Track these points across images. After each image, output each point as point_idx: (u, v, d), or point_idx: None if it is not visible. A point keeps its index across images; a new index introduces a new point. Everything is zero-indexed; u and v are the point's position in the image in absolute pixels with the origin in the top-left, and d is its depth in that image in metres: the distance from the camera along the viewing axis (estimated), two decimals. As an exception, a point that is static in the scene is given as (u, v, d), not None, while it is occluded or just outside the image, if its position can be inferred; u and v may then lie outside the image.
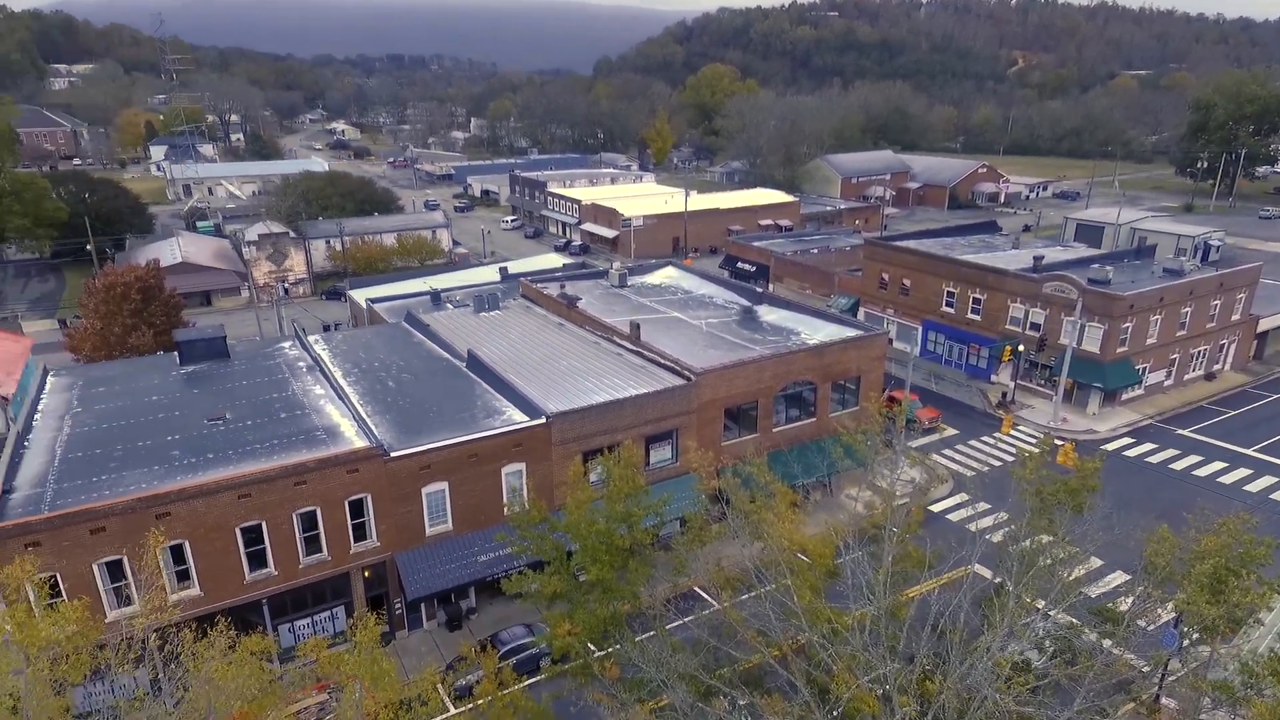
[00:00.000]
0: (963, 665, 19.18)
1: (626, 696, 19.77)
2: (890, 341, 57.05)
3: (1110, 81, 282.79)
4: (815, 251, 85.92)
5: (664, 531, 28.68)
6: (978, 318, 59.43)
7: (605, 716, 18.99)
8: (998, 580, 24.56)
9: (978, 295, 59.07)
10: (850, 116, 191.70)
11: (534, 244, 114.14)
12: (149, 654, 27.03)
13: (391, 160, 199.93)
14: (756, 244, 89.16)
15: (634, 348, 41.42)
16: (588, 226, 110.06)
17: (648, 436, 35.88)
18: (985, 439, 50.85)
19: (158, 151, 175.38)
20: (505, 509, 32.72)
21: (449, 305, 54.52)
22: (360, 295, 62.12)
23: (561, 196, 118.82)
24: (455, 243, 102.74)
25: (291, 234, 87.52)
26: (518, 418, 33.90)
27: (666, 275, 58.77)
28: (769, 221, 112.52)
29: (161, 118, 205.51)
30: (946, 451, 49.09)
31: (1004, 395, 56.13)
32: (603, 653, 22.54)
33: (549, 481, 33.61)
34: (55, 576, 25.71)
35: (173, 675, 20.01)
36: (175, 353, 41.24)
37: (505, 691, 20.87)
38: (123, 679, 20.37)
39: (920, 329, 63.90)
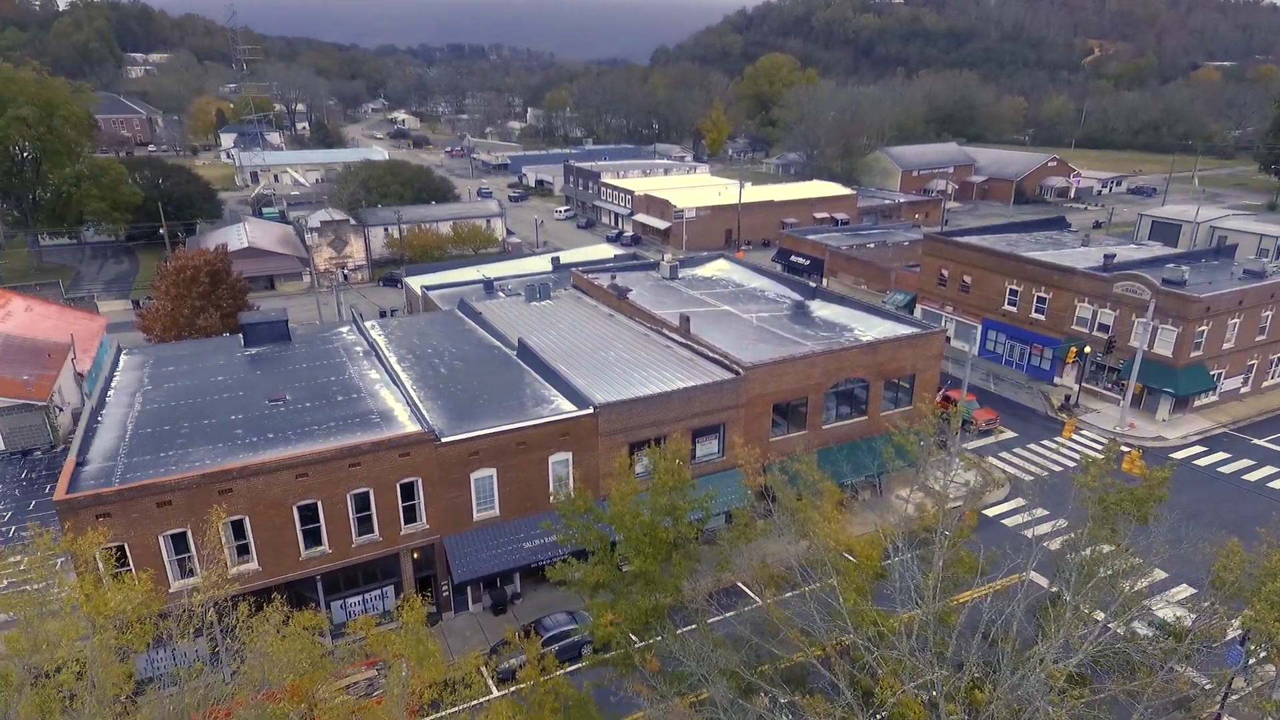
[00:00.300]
0: (1014, 675, 18.61)
1: (666, 689, 19.73)
2: (948, 340, 55.65)
3: (1192, 73, 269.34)
4: (872, 246, 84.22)
5: (708, 526, 28.56)
6: (1042, 317, 57.45)
7: (645, 707, 19.00)
8: (1054, 589, 23.74)
9: (1043, 294, 57.08)
10: (913, 107, 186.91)
11: (586, 234, 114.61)
12: (208, 625, 28.17)
13: (449, 150, 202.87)
14: (811, 237, 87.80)
15: (683, 340, 41.24)
16: (640, 218, 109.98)
17: (694, 430, 35.72)
18: (1045, 443, 49.20)
19: (227, 139, 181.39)
20: (551, 497, 33.11)
21: (501, 294, 55.17)
22: (415, 282, 63.31)
23: (614, 187, 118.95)
24: (509, 232, 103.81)
25: (352, 221, 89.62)
26: (566, 407, 34.11)
27: (718, 268, 58.34)
28: (824, 215, 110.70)
29: (232, 106, 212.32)
30: (1004, 455, 47.67)
31: (1067, 398, 54.21)
32: (644, 644, 22.54)
33: (595, 471, 33.76)
34: (124, 547, 26.88)
35: (230, 647, 20.71)
36: (240, 335, 42.67)
37: (547, 677, 21.08)
38: (183, 648, 21.16)
39: (980, 328, 62.10)
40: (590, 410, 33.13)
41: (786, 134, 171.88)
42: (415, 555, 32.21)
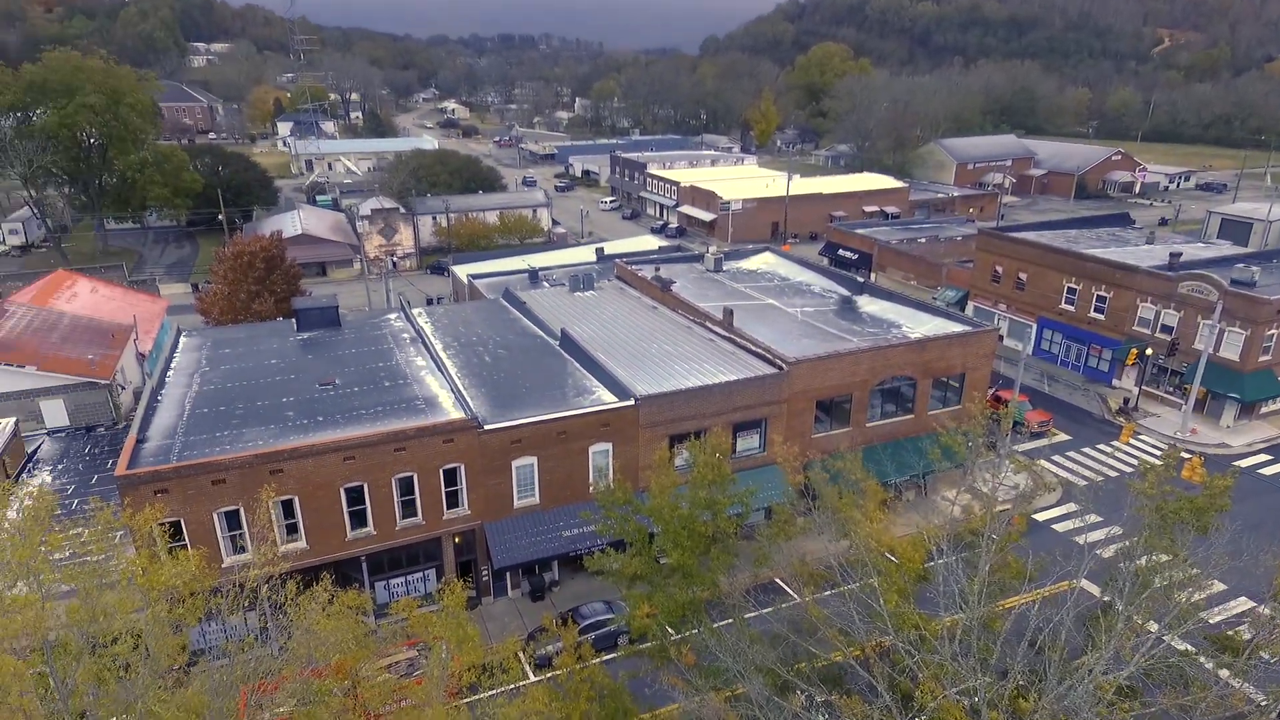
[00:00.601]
0: (1061, 685, 18.08)
1: (701, 683, 19.66)
2: (1000, 339, 54.19)
3: (1266, 65, 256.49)
4: (923, 240, 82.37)
5: (748, 521, 28.35)
6: (1101, 317, 55.54)
7: (680, 700, 18.98)
8: (1106, 598, 22.99)
9: (1102, 292, 55.18)
10: (970, 98, 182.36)
11: (631, 225, 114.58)
12: (259, 602, 29.00)
13: (497, 139, 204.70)
14: (860, 231, 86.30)
15: (726, 334, 40.96)
16: (685, 209, 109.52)
17: (736, 424, 35.49)
18: (1101, 447, 47.67)
19: (284, 127, 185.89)
20: (590, 487, 33.28)
21: (545, 283, 55.48)
22: (462, 271, 64.06)
23: (660, 178, 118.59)
24: (554, 222, 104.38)
25: (401, 210, 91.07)
26: (607, 398, 34.18)
27: (763, 261, 57.76)
28: (874, 208, 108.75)
29: (289, 95, 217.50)
30: (1056, 458, 46.30)
31: (1125, 401, 52.40)
32: (679, 637, 22.49)
33: (634, 463, 33.80)
34: (180, 522, 27.83)
35: (279, 623, 21.27)
36: (293, 320, 43.72)
37: (583, 665, 21.17)
38: (234, 622, 21.79)
39: (1035, 327, 60.35)
40: (631, 402, 33.15)
41: (837, 125, 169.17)
42: (457, 540, 32.70)
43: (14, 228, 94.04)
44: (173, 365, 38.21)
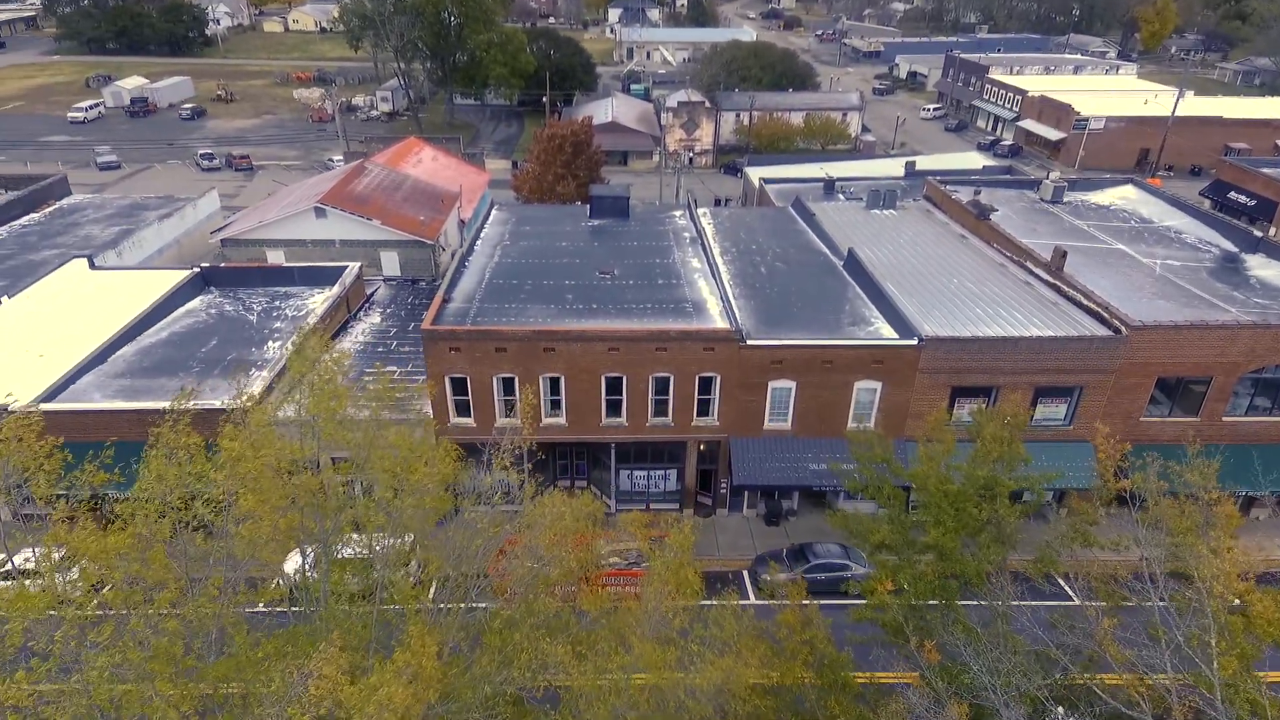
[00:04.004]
0: None
1: (941, 687, 17.18)
2: None
3: None
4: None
5: (1038, 507, 24.31)
6: None
7: (907, 697, 16.74)
8: None
9: None
10: None
11: (953, 138, 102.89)
12: (521, 464, 31.62)
13: (819, 33, 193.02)
14: (1266, 170, 68.39)
15: (1051, 279, 34.94)
16: (1026, 124, 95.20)
17: (1039, 388, 30.51)
18: None
19: (614, 14, 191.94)
20: (849, 424, 31.10)
21: (840, 196, 51.73)
22: (755, 174, 62.15)
23: (1002, 85, 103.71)
24: (864, 128, 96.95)
25: (706, 104, 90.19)
26: (886, 333, 31.17)
27: (1121, 195, 48.07)
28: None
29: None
30: None
31: None
32: (920, 629, 19.71)
33: (903, 409, 30.79)
34: (466, 380, 30.91)
35: (530, 492, 22.49)
36: (587, 205, 45.54)
37: (806, 603, 19.72)
38: (499, 475, 23.58)
39: None
40: (914, 342, 29.81)
41: (1260, 32, 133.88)
42: (701, 447, 32.77)
43: (385, 96, 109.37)
44: (482, 235, 41.89)
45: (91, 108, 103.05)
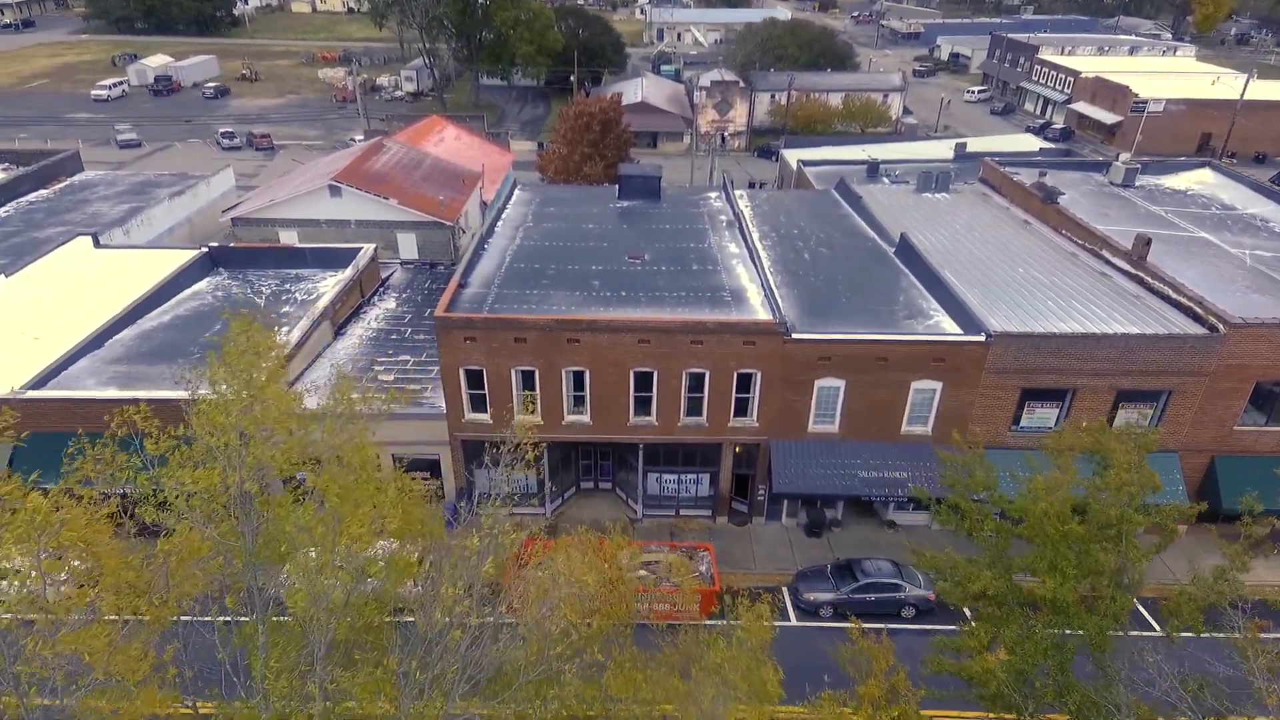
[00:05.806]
0: None
1: None
2: None
3: None
4: None
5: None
6: None
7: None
8: None
9: None
10: None
11: (999, 121, 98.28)
12: (540, 465, 29.06)
13: (855, 15, 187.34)
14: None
15: (1131, 270, 31.47)
16: (1079, 106, 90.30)
17: (1121, 391, 27.23)
18: None
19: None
20: (903, 428, 28.14)
21: (886, 179, 48.28)
22: (792, 156, 58.74)
23: (1053, 65, 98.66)
24: (906, 110, 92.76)
25: (740, 84, 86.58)
26: (947, 327, 28.04)
27: (1198, 179, 44.14)
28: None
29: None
30: None
31: None
32: (1029, 702, 15.87)
33: (966, 412, 27.68)
34: (482, 372, 28.32)
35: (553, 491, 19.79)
36: (616, 186, 42.67)
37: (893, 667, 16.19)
38: (516, 475, 21.06)
39: None
40: (981, 338, 26.65)
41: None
42: (737, 450, 29.93)
43: (409, 75, 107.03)
44: (503, 216, 39.24)
45: (115, 86, 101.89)
